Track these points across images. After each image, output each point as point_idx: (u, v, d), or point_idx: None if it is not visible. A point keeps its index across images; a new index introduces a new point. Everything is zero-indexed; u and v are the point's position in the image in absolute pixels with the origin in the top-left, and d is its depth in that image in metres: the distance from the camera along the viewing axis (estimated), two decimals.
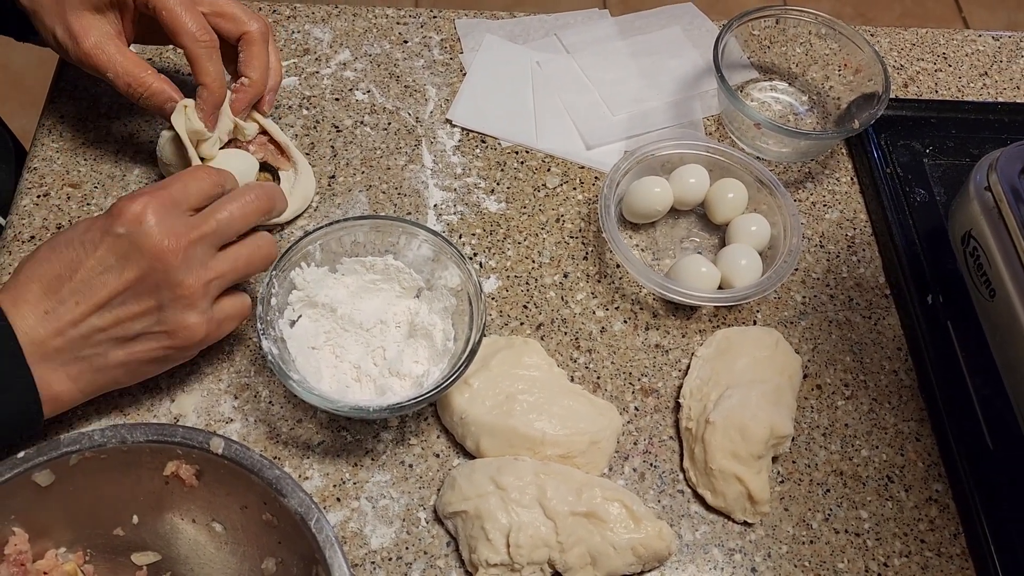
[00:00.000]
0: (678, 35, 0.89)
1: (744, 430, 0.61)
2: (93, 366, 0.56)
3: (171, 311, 0.56)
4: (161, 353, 0.57)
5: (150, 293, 0.55)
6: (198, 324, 0.57)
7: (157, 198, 0.55)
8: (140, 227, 0.54)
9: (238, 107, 0.67)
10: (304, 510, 0.50)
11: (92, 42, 0.63)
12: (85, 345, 0.55)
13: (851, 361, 0.69)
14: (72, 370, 0.55)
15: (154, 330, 0.56)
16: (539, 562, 0.57)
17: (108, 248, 0.54)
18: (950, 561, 0.61)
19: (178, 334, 0.56)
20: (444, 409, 0.63)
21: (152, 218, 0.54)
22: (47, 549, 0.53)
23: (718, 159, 0.75)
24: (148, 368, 0.59)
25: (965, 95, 0.87)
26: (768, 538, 0.61)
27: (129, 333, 0.56)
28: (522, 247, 0.73)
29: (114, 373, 0.57)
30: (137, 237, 0.54)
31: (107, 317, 0.55)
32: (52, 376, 0.55)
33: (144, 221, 0.54)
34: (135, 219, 0.54)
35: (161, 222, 0.55)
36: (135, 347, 0.56)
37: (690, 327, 0.70)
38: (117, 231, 0.54)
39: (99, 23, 0.64)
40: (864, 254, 0.76)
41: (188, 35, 0.64)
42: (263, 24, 0.67)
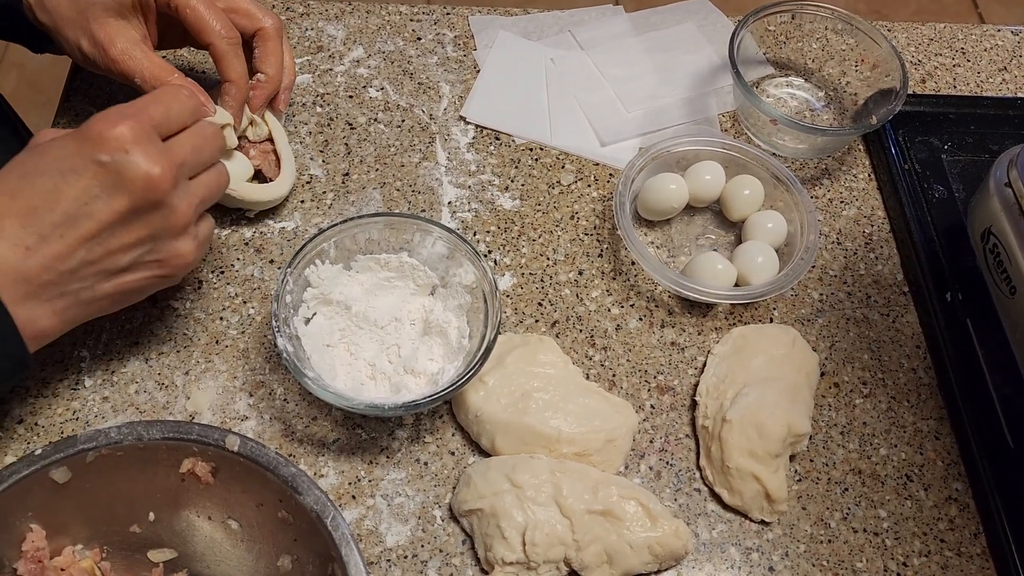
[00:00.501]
0: (692, 31, 0.88)
1: (761, 428, 0.60)
2: (80, 299, 0.54)
3: (164, 239, 0.54)
4: (152, 281, 0.56)
5: (142, 222, 0.53)
6: (190, 250, 0.56)
7: (139, 121, 0.52)
8: (125, 155, 0.51)
9: (256, 103, 0.68)
10: (320, 508, 0.50)
11: (119, 48, 0.63)
12: (73, 279, 0.52)
13: (869, 359, 0.69)
14: (58, 304, 0.53)
15: (146, 259, 0.55)
16: (555, 560, 0.57)
17: (93, 177, 0.51)
18: (970, 561, 0.61)
19: (171, 262, 0.55)
20: (459, 407, 0.63)
21: (136, 145, 0.51)
22: (64, 546, 0.53)
23: (734, 155, 0.74)
24: (135, 296, 0.57)
25: (984, 90, 0.86)
26: (786, 537, 0.61)
27: (120, 264, 0.54)
28: (537, 244, 0.73)
29: (100, 304, 0.55)
30: (124, 166, 0.51)
31: (96, 250, 0.52)
32: (37, 312, 0.52)
33: (129, 149, 0.51)
34: (118, 145, 0.51)
35: (146, 149, 0.52)
36: (125, 277, 0.55)
37: (706, 325, 0.70)
38: (100, 158, 0.51)
39: (124, 29, 0.64)
40: (882, 251, 0.75)
41: (214, 32, 0.64)
42: (277, 20, 0.67)
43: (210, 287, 0.68)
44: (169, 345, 0.65)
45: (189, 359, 0.65)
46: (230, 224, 0.71)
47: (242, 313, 0.67)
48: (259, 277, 0.69)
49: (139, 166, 0.51)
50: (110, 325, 0.65)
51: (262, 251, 0.70)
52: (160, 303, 0.67)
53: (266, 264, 0.70)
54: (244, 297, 0.68)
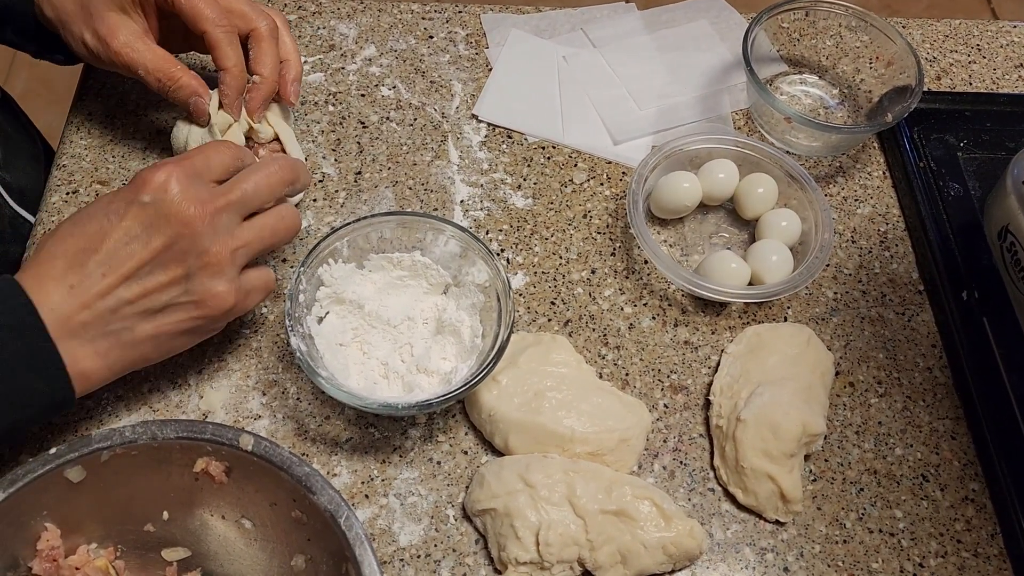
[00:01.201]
0: (705, 28, 0.88)
1: (776, 428, 0.60)
2: (121, 341, 0.55)
3: (198, 279, 0.55)
4: (190, 324, 0.56)
5: (177, 261, 0.54)
6: (226, 292, 0.56)
7: (181, 167, 0.55)
8: (165, 195, 0.53)
9: (253, 106, 0.67)
10: (334, 507, 0.50)
11: (121, 41, 0.64)
12: (113, 319, 0.54)
13: (884, 358, 0.68)
14: (100, 346, 0.54)
15: (182, 300, 0.55)
16: (569, 560, 0.57)
17: (134, 218, 0.53)
18: (987, 562, 0.60)
19: (206, 303, 0.56)
20: (472, 406, 0.62)
21: (177, 186, 0.54)
22: (79, 545, 0.53)
23: (747, 154, 0.74)
24: (176, 342, 0.58)
25: (1000, 87, 0.85)
26: (800, 537, 0.61)
27: (157, 304, 0.55)
28: (549, 243, 0.73)
29: (142, 348, 0.56)
30: (163, 205, 0.53)
31: (135, 288, 0.54)
32: (79, 352, 0.53)
33: (169, 189, 0.53)
34: (160, 187, 0.53)
35: (186, 190, 0.54)
36: (163, 319, 0.55)
37: (719, 324, 0.69)
38: (142, 200, 0.53)
39: (125, 22, 0.65)
40: (897, 249, 0.74)
41: (208, 20, 0.64)
42: (271, 20, 0.67)
43: None
44: None
45: (202, 358, 0.65)
46: None
47: (255, 312, 0.67)
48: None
49: (176, 205, 0.54)
50: None
51: (275, 250, 0.70)
52: None
53: (279, 263, 0.70)
54: None
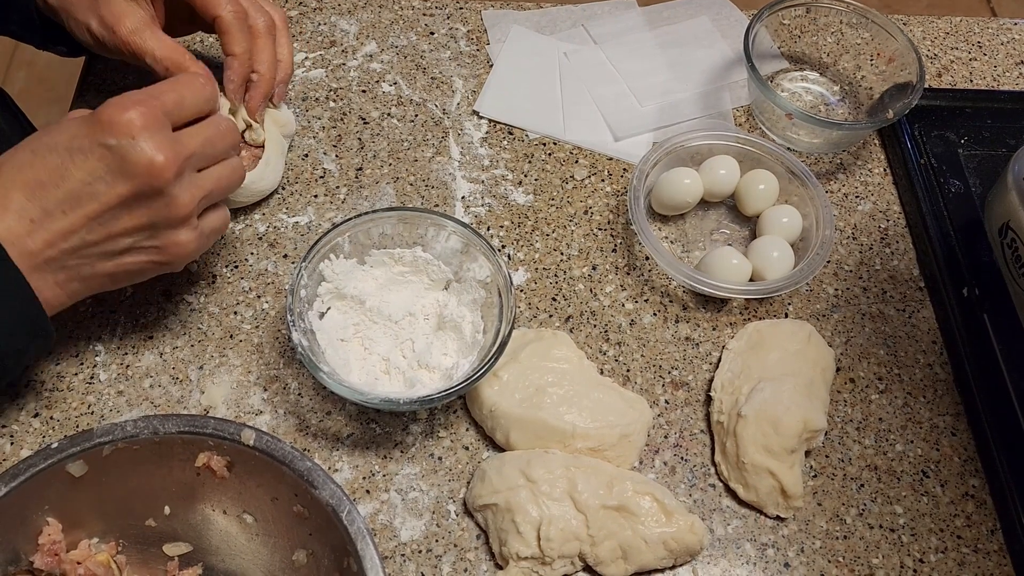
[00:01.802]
0: (706, 25, 0.88)
1: (777, 424, 0.60)
2: (80, 274, 0.55)
3: (164, 228, 0.55)
4: (149, 266, 0.57)
5: (142, 209, 0.53)
6: (189, 240, 0.56)
7: (150, 108, 0.53)
8: (132, 141, 0.52)
9: (253, 104, 0.67)
10: (335, 502, 0.50)
11: (128, 28, 0.63)
12: (73, 256, 0.54)
13: (885, 355, 0.68)
14: (60, 277, 0.54)
15: (144, 244, 0.55)
16: (570, 555, 0.57)
17: (99, 159, 0.52)
18: (987, 557, 0.60)
19: (169, 250, 0.56)
20: (473, 402, 0.63)
21: (144, 132, 0.52)
22: (80, 539, 0.53)
23: (748, 150, 0.74)
24: (135, 277, 0.58)
25: (1001, 84, 0.85)
26: (801, 533, 0.61)
27: (118, 247, 0.55)
28: (550, 239, 0.73)
29: (101, 280, 0.56)
30: (129, 151, 0.52)
31: (98, 231, 0.53)
32: (40, 283, 0.53)
33: (136, 135, 0.52)
34: (126, 130, 0.52)
35: (153, 136, 0.52)
36: (124, 259, 0.55)
37: (720, 320, 0.69)
38: (107, 141, 0.52)
39: (132, 9, 0.64)
40: (898, 246, 0.74)
41: (219, 4, 0.64)
42: (268, 18, 0.67)
43: (224, 282, 0.68)
44: (183, 339, 0.65)
45: (203, 353, 0.65)
46: (244, 219, 0.71)
47: (256, 308, 0.67)
48: (273, 272, 0.69)
49: (143, 153, 0.52)
50: (124, 319, 0.65)
51: (276, 246, 0.70)
52: (174, 298, 0.67)
53: (280, 259, 0.70)
54: (258, 292, 0.68)
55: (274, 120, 0.70)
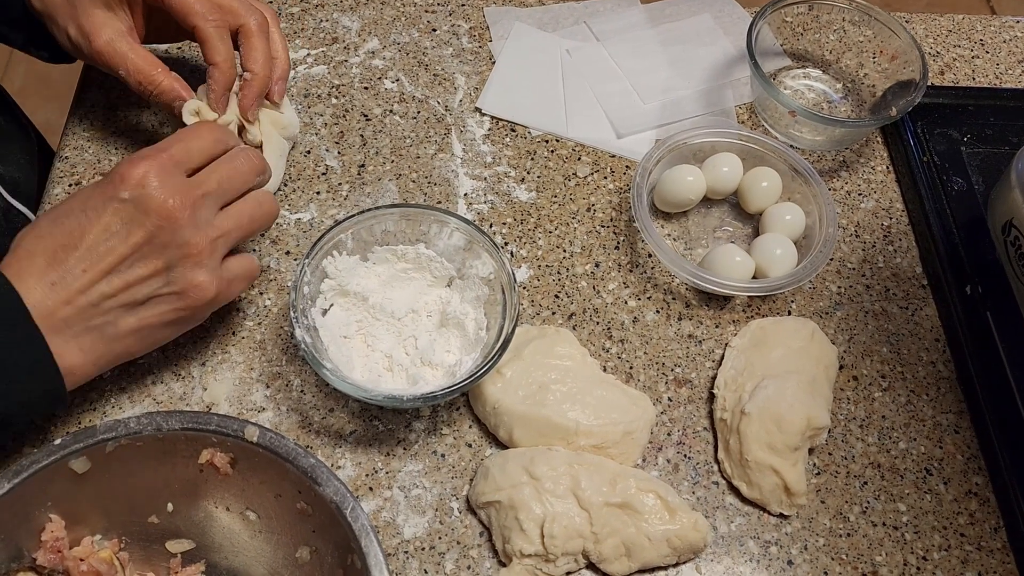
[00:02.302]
0: (708, 22, 0.88)
1: (780, 421, 0.60)
2: (105, 335, 0.55)
3: (179, 270, 0.55)
4: (172, 316, 0.56)
5: (157, 254, 0.54)
6: (207, 282, 0.56)
7: (159, 160, 0.54)
8: (144, 190, 0.53)
9: (247, 103, 0.66)
10: (339, 499, 0.50)
11: (104, 39, 0.63)
12: (95, 314, 0.54)
13: (888, 352, 0.68)
14: (84, 341, 0.54)
15: (163, 292, 0.55)
16: (573, 553, 0.57)
17: (113, 214, 0.53)
18: (991, 555, 0.60)
19: (188, 294, 0.55)
20: (476, 399, 0.62)
21: (155, 180, 0.53)
22: (83, 536, 0.53)
23: (751, 147, 0.74)
24: (160, 333, 0.57)
25: (1003, 82, 0.85)
26: (804, 531, 0.61)
27: (138, 297, 0.54)
28: (553, 236, 0.73)
29: (126, 342, 0.56)
30: (141, 201, 0.53)
31: (115, 283, 0.53)
32: (63, 349, 0.53)
33: (147, 184, 0.53)
34: (138, 183, 0.53)
35: (164, 183, 0.54)
36: (146, 312, 0.55)
37: (723, 317, 0.69)
38: (121, 196, 0.53)
39: (111, 20, 0.64)
40: (900, 244, 0.74)
41: (198, 15, 0.63)
42: (260, 16, 0.67)
43: None
44: (186, 336, 0.65)
45: (206, 350, 0.64)
46: None
47: (258, 304, 0.67)
48: (275, 268, 0.69)
49: (154, 198, 0.53)
50: None
51: (278, 242, 0.70)
52: None
53: (282, 255, 0.69)
54: (260, 288, 0.68)
55: (273, 122, 0.69)
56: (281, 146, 0.71)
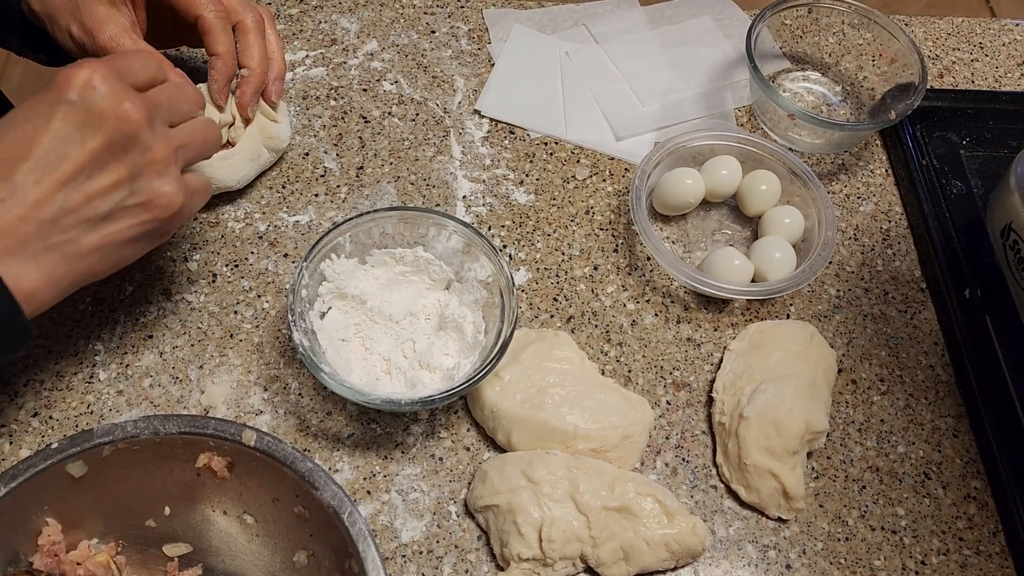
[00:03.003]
0: (708, 25, 0.88)
1: (779, 425, 0.60)
2: (65, 254, 0.50)
3: (145, 179, 0.51)
4: (139, 230, 0.52)
5: (119, 161, 0.50)
6: (174, 192, 0.52)
7: (103, 65, 0.50)
8: (94, 92, 0.49)
9: (244, 100, 0.66)
10: (337, 503, 0.50)
11: (108, 35, 0.63)
12: (53, 231, 0.49)
13: (887, 356, 0.68)
14: (42, 262, 0.49)
15: (129, 203, 0.51)
16: (571, 557, 0.56)
17: (63, 118, 0.49)
18: (989, 560, 0.60)
19: (155, 203, 0.52)
20: (475, 402, 0.62)
21: (104, 83, 0.49)
22: (80, 540, 0.53)
23: (750, 150, 0.74)
24: (125, 251, 0.53)
25: (1002, 85, 0.85)
26: (803, 535, 0.60)
27: (102, 210, 0.50)
28: (552, 239, 0.72)
29: (88, 260, 0.51)
30: (94, 101, 0.49)
31: (75, 195, 0.49)
32: (19, 271, 0.48)
33: (95, 86, 0.49)
34: (86, 84, 0.49)
35: (114, 86, 0.50)
36: (109, 227, 0.51)
37: (722, 321, 0.69)
38: (69, 98, 0.49)
39: (114, 15, 0.64)
40: (899, 247, 0.74)
41: (202, 5, 0.63)
42: (257, 14, 0.67)
43: (224, 281, 0.68)
44: (183, 339, 0.65)
45: (203, 353, 0.64)
46: (244, 218, 0.71)
47: (256, 307, 0.67)
48: (273, 271, 0.69)
49: (108, 99, 0.49)
50: (124, 318, 0.65)
51: (276, 245, 0.70)
52: (174, 296, 0.67)
53: (280, 258, 0.69)
54: (258, 291, 0.68)
55: (261, 128, 0.69)
56: (256, 150, 0.70)
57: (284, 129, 0.71)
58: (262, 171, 0.72)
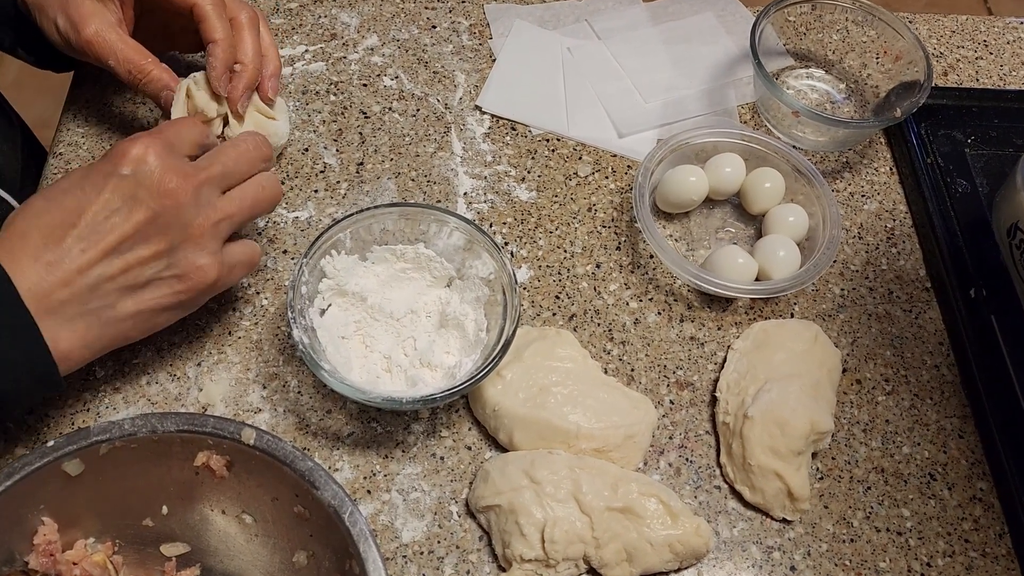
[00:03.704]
0: (711, 21, 0.87)
1: (784, 425, 0.59)
2: (101, 319, 0.53)
3: (182, 252, 0.53)
4: (172, 300, 0.55)
5: (160, 235, 0.53)
6: (209, 265, 0.54)
7: (157, 140, 0.54)
8: (145, 167, 0.52)
9: (236, 95, 0.66)
10: (337, 503, 0.49)
11: (93, 30, 0.63)
12: (93, 297, 0.52)
13: (891, 355, 0.68)
14: (79, 325, 0.52)
15: (165, 275, 0.54)
16: (574, 558, 0.56)
17: (113, 191, 0.52)
18: (995, 562, 0.60)
19: (190, 276, 0.54)
20: (476, 401, 0.62)
21: (156, 159, 0.52)
22: (76, 539, 0.52)
23: (754, 148, 0.73)
24: (158, 318, 0.56)
25: (1007, 84, 0.85)
26: (807, 536, 0.60)
27: (139, 280, 0.53)
28: (554, 236, 0.72)
29: (123, 326, 0.54)
30: (144, 177, 0.52)
31: (116, 264, 0.52)
32: (57, 332, 0.51)
33: (148, 161, 0.52)
34: (139, 160, 0.52)
35: (166, 162, 0.53)
36: (145, 295, 0.54)
37: (725, 319, 0.69)
38: (122, 172, 0.52)
39: (100, 11, 0.63)
40: (904, 246, 0.74)
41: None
42: (251, 11, 0.67)
43: None
44: (181, 336, 0.64)
45: (201, 350, 0.64)
46: None
47: (255, 304, 0.66)
48: (272, 267, 0.68)
49: (156, 176, 0.52)
50: None
51: (275, 241, 0.69)
52: None
53: (279, 254, 0.69)
54: (257, 288, 0.67)
55: (257, 125, 0.68)
56: None
57: (282, 127, 0.70)
58: None
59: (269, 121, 0.69)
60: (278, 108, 0.70)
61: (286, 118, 0.71)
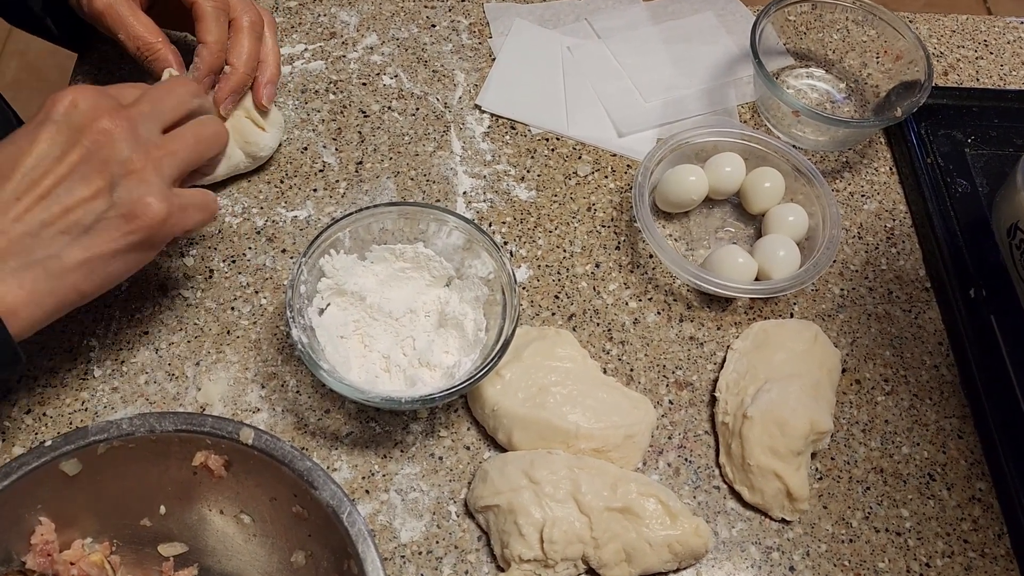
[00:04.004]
0: (711, 21, 0.87)
1: (783, 425, 0.59)
2: (48, 271, 0.50)
3: (124, 189, 0.51)
4: (122, 242, 0.51)
5: (97, 172, 0.51)
6: (156, 202, 0.51)
7: (90, 87, 0.53)
8: (75, 109, 0.51)
9: (221, 96, 0.65)
10: (336, 503, 0.49)
11: (105, 2, 0.63)
12: (35, 245, 0.49)
13: (891, 356, 0.68)
14: (24, 278, 0.49)
15: (110, 215, 0.51)
16: (573, 558, 0.56)
17: (46, 138, 0.51)
18: (994, 562, 0.60)
19: (136, 215, 0.51)
20: (475, 401, 0.61)
21: (86, 100, 0.51)
22: (73, 539, 0.52)
23: (754, 147, 0.73)
24: (111, 267, 0.52)
25: (1008, 84, 0.85)
26: (807, 536, 0.60)
27: (83, 223, 0.50)
28: (553, 236, 0.72)
29: (73, 276, 0.50)
30: (74, 118, 0.51)
31: (54, 208, 0.50)
32: (1, 286, 0.48)
33: (78, 104, 0.51)
34: (69, 104, 0.51)
35: (97, 102, 0.52)
36: (92, 239, 0.51)
37: (725, 319, 0.68)
38: (53, 119, 0.51)
39: None
40: (904, 246, 0.74)
41: None
42: (255, 16, 0.66)
43: (221, 276, 0.67)
44: (179, 335, 0.64)
45: (200, 349, 0.63)
46: (242, 213, 0.70)
47: (254, 303, 0.66)
48: (271, 267, 0.68)
49: (88, 114, 0.51)
50: (119, 314, 0.64)
51: (274, 240, 0.69)
52: (170, 292, 0.66)
53: (278, 253, 0.68)
54: (256, 287, 0.67)
55: (239, 130, 0.67)
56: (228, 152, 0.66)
57: (268, 139, 0.69)
58: (234, 174, 0.70)
59: (256, 130, 0.68)
60: (271, 120, 0.69)
61: (277, 132, 0.70)
